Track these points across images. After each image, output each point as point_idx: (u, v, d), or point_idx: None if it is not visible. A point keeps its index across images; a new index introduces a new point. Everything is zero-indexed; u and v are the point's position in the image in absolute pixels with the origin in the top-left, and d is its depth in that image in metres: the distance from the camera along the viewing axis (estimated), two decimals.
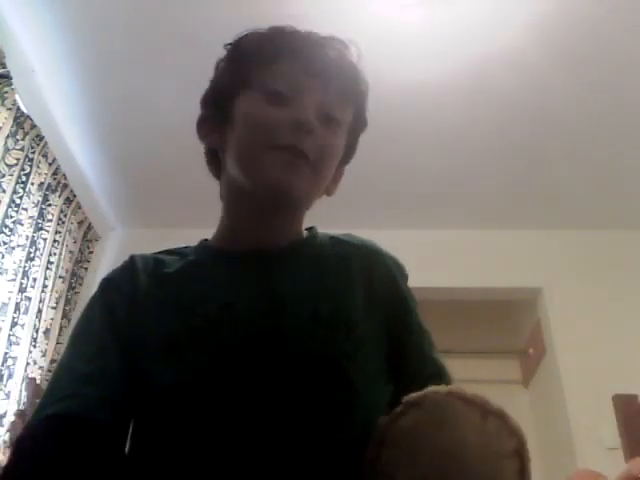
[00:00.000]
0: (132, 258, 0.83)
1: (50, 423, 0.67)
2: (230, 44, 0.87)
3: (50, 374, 2.60)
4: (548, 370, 3.15)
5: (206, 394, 0.68)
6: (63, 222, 2.95)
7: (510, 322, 3.60)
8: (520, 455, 0.60)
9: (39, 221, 2.72)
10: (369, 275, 0.81)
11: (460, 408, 0.60)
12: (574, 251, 3.26)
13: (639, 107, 2.65)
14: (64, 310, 2.90)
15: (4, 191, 2.41)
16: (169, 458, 0.67)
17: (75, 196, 3.04)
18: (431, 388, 0.64)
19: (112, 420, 0.68)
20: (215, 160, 0.87)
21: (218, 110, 0.85)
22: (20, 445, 0.67)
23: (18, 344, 2.50)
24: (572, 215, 3.25)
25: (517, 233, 3.30)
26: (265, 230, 0.82)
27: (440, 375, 0.80)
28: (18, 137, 2.50)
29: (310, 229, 0.88)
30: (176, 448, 0.67)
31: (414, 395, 0.63)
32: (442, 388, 0.64)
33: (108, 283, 0.81)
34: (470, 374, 3.26)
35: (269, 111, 0.78)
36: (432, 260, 3.19)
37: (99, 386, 0.70)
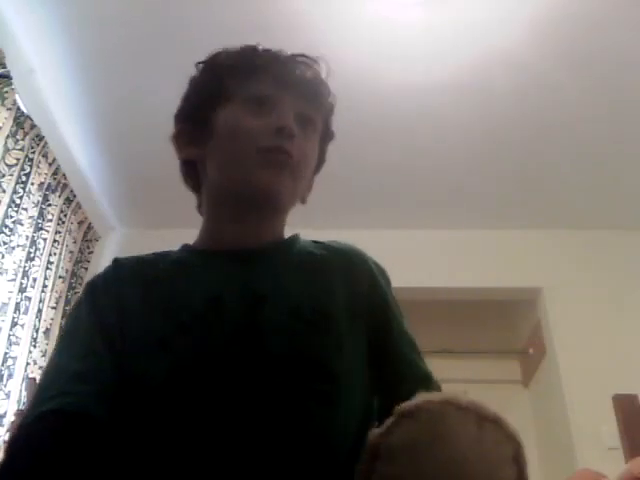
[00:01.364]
0: (116, 261, 0.85)
1: (46, 419, 0.66)
2: (203, 62, 0.91)
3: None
4: (548, 370, 3.15)
5: (194, 390, 0.69)
6: (63, 222, 2.95)
7: (510, 322, 3.61)
8: (518, 460, 0.59)
9: (39, 221, 2.72)
10: (351, 277, 0.82)
11: (455, 417, 0.59)
12: (574, 251, 3.26)
13: (639, 107, 2.65)
14: (64, 310, 2.90)
15: (4, 191, 2.41)
16: (158, 454, 0.67)
17: (75, 196, 3.04)
18: (424, 396, 0.62)
19: (108, 416, 0.68)
20: (192, 173, 0.91)
21: (195, 124, 0.89)
22: (16, 443, 0.66)
23: (18, 344, 2.50)
24: (572, 215, 3.25)
25: (517, 233, 3.30)
26: (247, 232, 0.84)
27: (424, 380, 0.79)
28: (18, 137, 2.50)
29: (292, 236, 0.90)
30: (166, 444, 0.67)
31: (407, 405, 0.61)
32: (435, 396, 0.62)
33: (93, 286, 0.82)
34: (470, 374, 3.27)
35: (251, 120, 0.83)
36: (432, 260, 3.19)
37: (93, 383, 0.70)
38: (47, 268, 2.76)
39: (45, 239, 2.76)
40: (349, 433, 0.70)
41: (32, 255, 2.64)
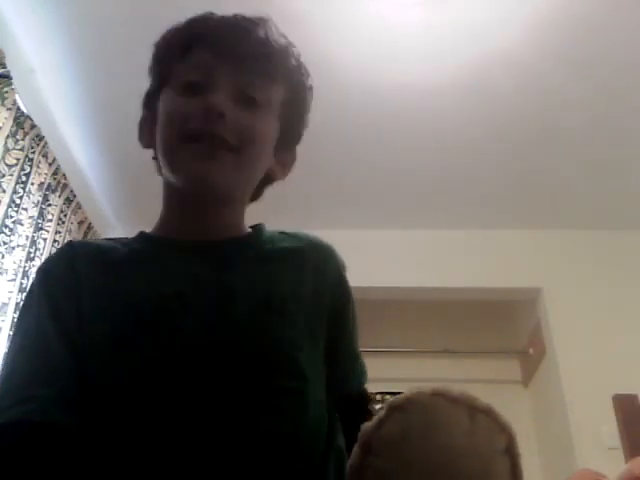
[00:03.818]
0: (71, 245, 0.80)
1: (9, 432, 0.63)
2: (155, 44, 0.89)
3: None
4: (548, 370, 3.15)
5: (160, 385, 0.66)
6: (63, 222, 2.95)
7: (510, 322, 3.60)
8: (510, 452, 0.59)
9: (39, 221, 2.71)
10: (320, 272, 0.81)
11: (446, 409, 0.59)
12: (574, 251, 3.26)
13: (639, 107, 2.65)
14: None
15: (4, 191, 2.41)
16: (127, 456, 0.64)
17: (75, 196, 3.04)
18: (414, 388, 0.61)
19: (74, 420, 0.64)
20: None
21: (150, 112, 0.86)
22: None
23: None
24: (572, 215, 3.24)
25: (517, 233, 3.30)
26: (202, 223, 0.80)
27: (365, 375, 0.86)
28: (18, 137, 2.50)
29: (256, 225, 0.86)
30: (135, 445, 0.64)
31: (398, 398, 0.60)
32: (426, 387, 0.61)
33: (46, 274, 0.76)
34: (470, 374, 3.27)
35: (182, 102, 0.78)
36: (432, 260, 3.19)
37: (54, 385, 0.65)
38: None
39: (45, 239, 2.76)
40: (318, 433, 0.70)
41: (32, 255, 2.63)
